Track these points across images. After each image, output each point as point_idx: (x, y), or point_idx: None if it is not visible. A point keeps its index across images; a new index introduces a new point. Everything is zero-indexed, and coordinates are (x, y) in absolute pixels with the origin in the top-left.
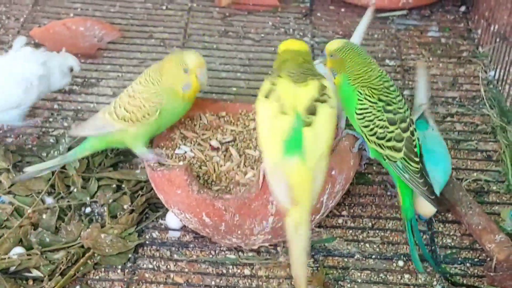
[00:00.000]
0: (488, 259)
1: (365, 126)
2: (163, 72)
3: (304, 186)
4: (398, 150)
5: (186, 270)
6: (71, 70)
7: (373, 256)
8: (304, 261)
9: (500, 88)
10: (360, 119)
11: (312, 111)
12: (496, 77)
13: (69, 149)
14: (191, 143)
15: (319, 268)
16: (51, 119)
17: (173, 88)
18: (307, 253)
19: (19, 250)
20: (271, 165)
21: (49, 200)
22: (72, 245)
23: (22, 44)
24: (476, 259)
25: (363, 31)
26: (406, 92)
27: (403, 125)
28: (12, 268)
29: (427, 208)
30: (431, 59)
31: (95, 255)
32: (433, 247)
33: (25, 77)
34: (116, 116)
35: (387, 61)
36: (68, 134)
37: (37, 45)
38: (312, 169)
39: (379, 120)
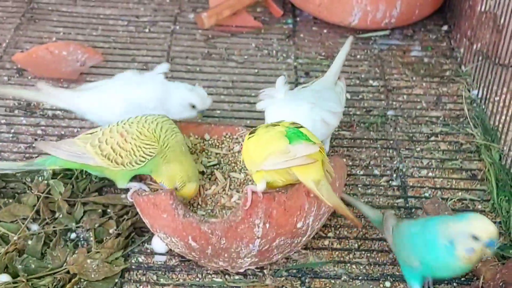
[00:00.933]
0: (475, 278)
1: None
2: (174, 159)
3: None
4: None
5: None
6: (193, 106)
7: (360, 277)
8: (338, 201)
9: (483, 106)
10: None
11: (294, 123)
12: (480, 95)
13: (54, 174)
14: None
15: None
16: (34, 145)
17: (159, 172)
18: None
19: (5, 278)
20: (279, 157)
21: (35, 227)
22: (58, 271)
23: (164, 70)
24: (463, 279)
25: (343, 59)
26: (390, 112)
27: None
28: None
29: None
30: (414, 78)
31: (82, 280)
32: None
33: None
34: (99, 151)
35: (370, 81)
36: (37, 146)
37: (19, 70)
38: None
39: None
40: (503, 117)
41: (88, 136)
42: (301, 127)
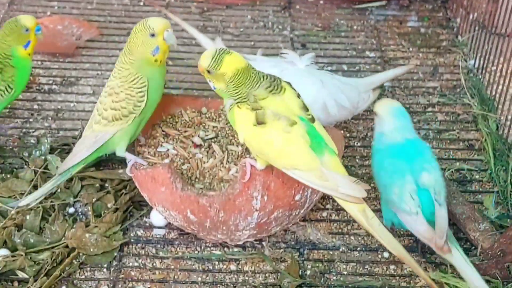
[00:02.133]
0: (473, 247)
1: None
2: (130, 46)
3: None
4: None
5: (172, 267)
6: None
7: (358, 248)
8: (393, 240)
9: (480, 76)
10: None
11: (304, 107)
12: (476, 65)
13: (51, 149)
14: (173, 140)
15: (292, 260)
16: (31, 120)
17: (145, 57)
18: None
19: (3, 252)
20: (315, 173)
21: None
22: (57, 245)
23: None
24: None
25: (391, 77)
26: (387, 84)
27: None
28: None
29: None
30: (410, 49)
31: (80, 254)
32: (417, 237)
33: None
34: (106, 121)
35: (367, 52)
36: (58, 173)
37: None
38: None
39: None
40: (500, 87)
41: (89, 122)
42: (313, 120)
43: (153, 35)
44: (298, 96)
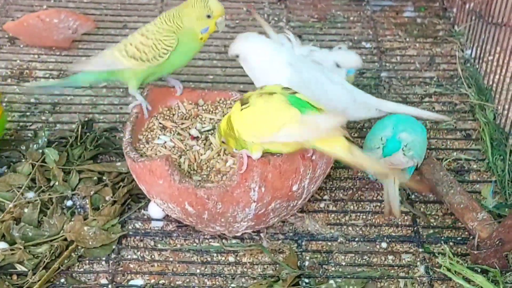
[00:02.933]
0: (471, 237)
1: None
2: (183, 14)
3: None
4: None
5: (171, 259)
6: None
7: (356, 239)
8: (377, 164)
9: (477, 66)
10: None
11: (285, 88)
12: (473, 55)
13: (48, 142)
14: (170, 133)
15: (291, 252)
16: (28, 113)
17: (193, 30)
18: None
19: (2, 245)
20: (297, 128)
21: (30, 194)
22: (55, 239)
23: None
24: (459, 238)
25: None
26: (383, 74)
27: None
28: None
29: None
30: (407, 39)
31: (79, 247)
32: (415, 228)
33: None
34: (126, 53)
35: (363, 43)
36: (70, 69)
37: (11, 39)
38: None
39: None
40: (497, 76)
41: (117, 44)
42: (296, 92)
43: (209, 16)
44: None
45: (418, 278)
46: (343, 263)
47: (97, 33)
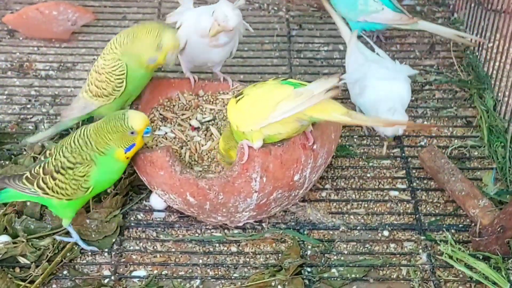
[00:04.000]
0: (473, 224)
1: None
2: (135, 37)
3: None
4: None
5: (173, 250)
6: None
7: (358, 227)
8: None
9: (477, 53)
10: None
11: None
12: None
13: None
14: (171, 124)
15: (293, 241)
16: (29, 106)
17: (140, 56)
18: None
19: (4, 238)
20: (292, 101)
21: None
22: (58, 231)
23: None
24: (460, 225)
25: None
26: None
27: None
28: None
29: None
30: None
31: (82, 240)
32: (417, 215)
33: None
34: (90, 93)
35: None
36: (61, 117)
37: (11, 31)
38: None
39: None
40: (497, 64)
41: (84, 85)
42: (287, 79)
43: (160, 47)
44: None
45: (420, 266)
46: (345, 252)
47: (97, 25)
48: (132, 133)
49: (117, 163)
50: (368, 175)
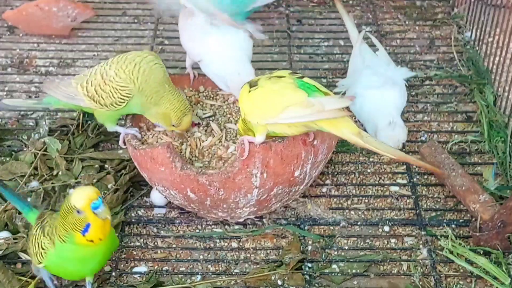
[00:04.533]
0: (473, 219)
1: None
2: (162, 101)
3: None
4: None
5: (174, 245)
6: None
7: (359, 223)
8: (392, 149)
9: (477, 48)
10: None
11: (292, 72)
12: (473, 37)
13: (50, 131)
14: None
15: (294, 236)
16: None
17: (150, 112)
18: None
19: (5, 234)
20: (301, 109)
21: (34, 183)
22: None
23: None
24: (461, 220)
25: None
26: None
27: None
28: (0, 252)
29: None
30: (407, 22)
31: None
32: (417, 211)
33: None
34: (86, 92)
35: (363, 27)
36: (41, 87)
37: (10, 28)
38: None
39: None
40: (497, 58)
41: (82, 76)
42: (303, 76)
43: (79, 211)
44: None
45: (420, 261)
46: (346, 247)
47: (97, 21)
48: (78, 212)
49: (82, 249)
50: (369, 170)
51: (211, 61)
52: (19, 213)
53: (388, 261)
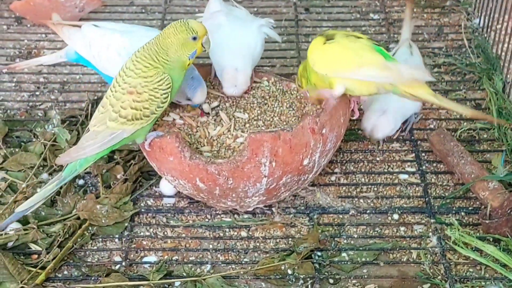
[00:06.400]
0: (482, 207)
1: None
2: (166, 45)
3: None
4: None
5: (183, 235)
6: None
7: (368, 211)
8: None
9: (485, 35)
10: None
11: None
12: (481, 24)
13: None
14: (179, 109)
15: (314, 226)
16: (37, 93)
17: (181, 58)
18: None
19: (15, 225)
20: (380, 67)
21: (44, 175)
22: (68, 218)
23: None
24: (470, 208)
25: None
26: (392, 46)
27: None
28: (10, 244)
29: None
30: (415, 10)
31: (92, 226)
32: (427, 198)
33: None
34: (123, 119)
35: (371, 15)
36: (64, 165)
37: (18, 19)
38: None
39: None
40: (506, 45)
41: (101, 116)
42: (380, 45)
43: (195, 38)
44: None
45: (430, 249)
46: (355, 236)
47: (104, 11)
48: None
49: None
50: (378, 158)
51: (217, 50)
52: None
53: (397, 249)
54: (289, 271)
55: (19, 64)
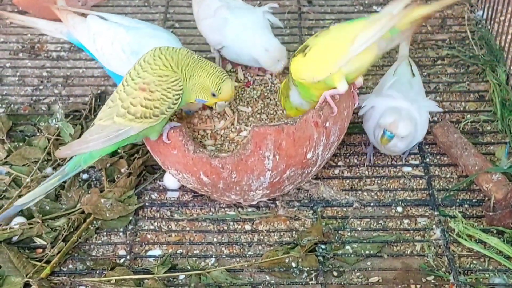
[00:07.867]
0: (486, 199)
1: None
2: (195, 69)
3: None
4: None
5: (188, 229)
6: None
7: (372, 204)
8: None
9: (489, 27)
10: None
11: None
12: (484, 16)
13: (66, 116)
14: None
15: (317, 219)
16: (41, 87)
17: (191, 92)
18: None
19: (20, 219)
20: (369, 28)
21: (49, 169)
22: (73, 212)
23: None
24: (474, 200)
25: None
26: None
27: None
28: (15, 238)
29: None
30: (418, 1)
31: (96, 220)
32: (430, 191)
33: None
34: (132, 116)
35: (374, 7)
36: (68, 159)
37: (21, 13)
38: None
39: None
40: (509, 37)
41: (108, 111)
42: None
43: (214, 95)
44: None
45: (434, 241)
46: (359, 228)
47: (107, 5)
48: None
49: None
50: (381, 151)
51: (234, 45)
52: None
53: (401, 241)
54: (293, 264)
55: (15, 15)
